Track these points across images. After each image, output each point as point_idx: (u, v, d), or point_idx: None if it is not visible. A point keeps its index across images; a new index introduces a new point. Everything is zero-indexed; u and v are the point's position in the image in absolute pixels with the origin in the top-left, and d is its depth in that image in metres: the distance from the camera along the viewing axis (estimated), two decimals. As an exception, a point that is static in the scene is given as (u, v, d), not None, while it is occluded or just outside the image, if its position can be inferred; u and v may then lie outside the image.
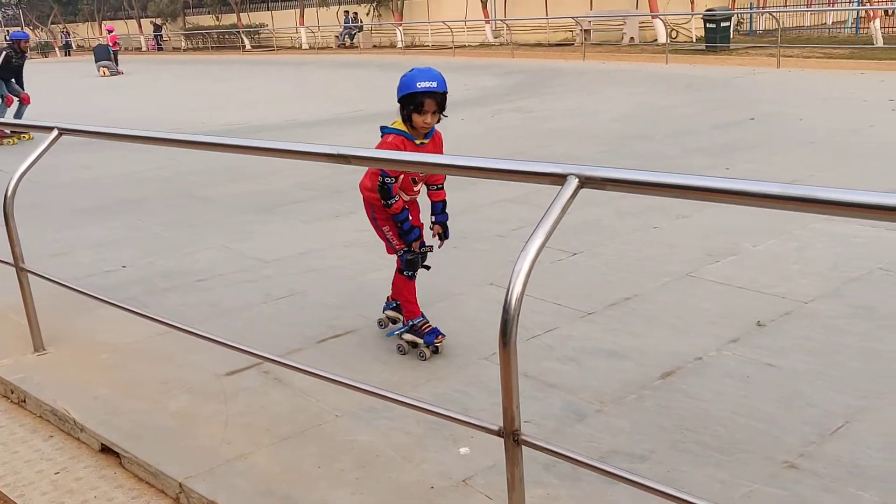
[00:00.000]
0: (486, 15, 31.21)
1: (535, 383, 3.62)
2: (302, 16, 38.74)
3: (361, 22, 36.50)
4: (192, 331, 3.38)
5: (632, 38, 25.90)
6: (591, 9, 28.36)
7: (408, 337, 3.95)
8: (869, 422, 3.14)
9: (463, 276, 5.04)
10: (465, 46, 29.23)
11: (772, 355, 3.73)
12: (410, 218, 3.82)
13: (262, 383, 3.74)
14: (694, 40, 24.68)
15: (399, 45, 32.66)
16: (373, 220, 3.91)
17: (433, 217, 3.95)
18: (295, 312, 4.64)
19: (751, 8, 26.41)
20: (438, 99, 3.59)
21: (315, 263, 5.52)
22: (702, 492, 2.72)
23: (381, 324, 4.28)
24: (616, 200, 6.46)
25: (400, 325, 4.09)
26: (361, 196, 3.94)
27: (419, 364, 3.87)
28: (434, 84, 3.55)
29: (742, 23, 27.15)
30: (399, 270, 3.95)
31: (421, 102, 3.56)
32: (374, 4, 36.59)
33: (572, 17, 24.87)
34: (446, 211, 3.97)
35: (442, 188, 3.94)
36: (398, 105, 3.68)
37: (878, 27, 20.42)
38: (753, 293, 4.52)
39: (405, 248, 3.85)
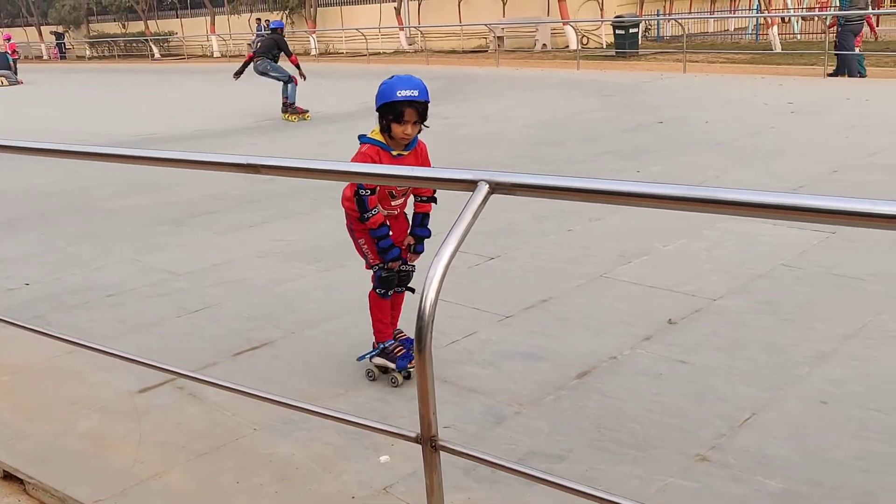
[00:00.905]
0: (399, 22, 31.24)
1: (454, 388, 3.63)
2: (213, 23, 38.01)
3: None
4: (100, 348, 3.26)
5: (544, 44, 26.32)
6: (504, 16, 28.69)
7: (378, 361, 3.72)
8: (775, 412, 3.26)
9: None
10: (379, 54, 29.18)
11: (683, 352, 3.84)
12: (391, 234, 3.56)
13: (176, 399, 3.65)
14: (604, 46, 25.25)
15: (313, 52, 32.39)
16: (350, 232, 3.70)
17: (410, 229, 3.73)
18: (210, 326, 4.54)
19: (658, 15, 27.19)
20: (420, 108, 3.40)
21: (229, 275, 5.41)
22: (619, 489, 2.77)
23: (370, 375, 3.80)
24: (531, 205, 6.55)
25: (370, 348, 3.81)
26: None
27: (337, 374, 3.83)
28: (416, 93, 3.37)
29: (650, 29, 27.91)
30: (373, 287, 3.72)
31: (401, 112, 3.36)
32: (286, 12, 36.18)
33: (485, 24, 25.12)
34: (427, 225, 3.69)
35: (428, 201, 3.67)
36: (377, 114, 3.46)
37: (776, 34, 21.31)
38: (665, 292, 4.64)
39: (381, 265, 3.63)
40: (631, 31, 22.19)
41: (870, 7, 15.58)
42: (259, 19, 36.69)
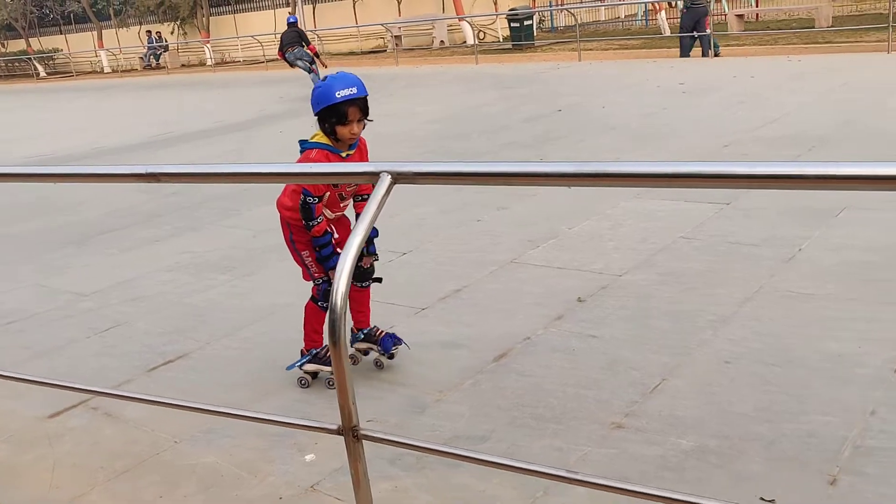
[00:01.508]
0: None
1: (376, 383, 3.66)
2: (100, 38, 36.83)
3: (166, 41, 35.17)
4: (4, 374, 3.16)
5: (442, 41, 26.51)
6: (400, 15, 28.76)
7: (309, 367, 3.65)
8: (683, 376, 3.41)
9: (293, 286, 5.00)
10: (278, 59, 28.81)
11: (593, 327, 3.97)
12: (334, 241, 3.47)
13: (90, 420, 3.56)
14: (501, 40, 25.59)
15: (209, 62, 31.74)
16: (290, 243, 3.57)
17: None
18: (122, 343, 4.44)
19: (550, 6, 27.71)
20: (361, 105, 3.32)
21: (138, 292, 5.29)
22: (540, 460, 2.86)
23: (354, 360, 3.77)
24: (440, 198, 6.63)
25: (378, 354, 3.74)
26: (279, 215, 3.58)
27: (255, 380, 3.81)
28: (354, 90, 3.28)
29: (544, 20, 28.44)
30: (312, 299, 3.63)
31: (344, 112, 3.27)
32: (177, 23, 35.37)
33: (381, 25, 25.13)
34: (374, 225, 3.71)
35: (367, 199, 3.64)
36: (316, 119, 3.39)
37: (664, 18, 22.03)
38: (573, 272, 4.78)
39: (324, 277, 3.54)
40: (525, 23, 22.56)
41: None
42: (150, 31, 35.76)
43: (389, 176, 2.27)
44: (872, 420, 2.94)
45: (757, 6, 23.52)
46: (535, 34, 23.59)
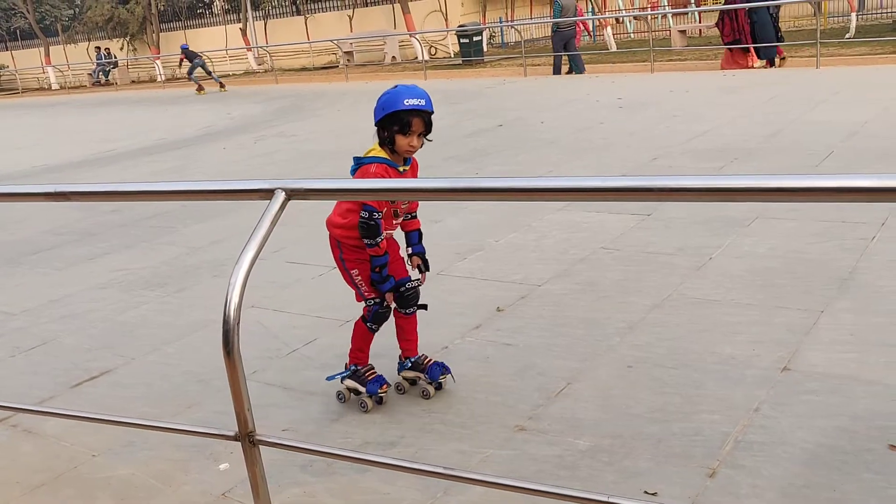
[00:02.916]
0: (247, 43, 30.92)
1: (295, 393, 3.77)
2: (47, 54, 36.37)
3: (115, 57, 34.86)
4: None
5: (393, 56, 26.71)
6: (352, 31, 28.94)
7: (349, 383, 3.55)
8: (587, 380, 3.57)
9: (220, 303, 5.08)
10: (229, 75, 28.78)
11: (509, 335, 4.12)
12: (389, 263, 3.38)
13: (9, 437, 3.61)
14: (452, 55, 25.88)
15: (159, 78, 31.55)
16: (340, 262, 3.44)
17: (409, 248, 3.54)
18: (47, 361, 4.48)
19: (500, 22, 28.10)
20: (426, 119, 3.21)
21: (69, 309, 5.32)
22: (443, 463, 2.99)
23: (399, 388, 3.65)
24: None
25: (426, 384, 3.58)
26: (328, 234, 3.48)
27: (178, 394, 3.89)
28: (422, 102, 3.16)
29: (494, 36, 28.82)
30: (363, 318, 3.50)
31: (408, 122, 3.15)
32: (126, 39, 35.10)
33: (332, 41, 25.25)
34: (422, 242, 3.56)
35: (416, 217, 3.54)
36: (376, 129, 3.29)
37: (611, 34, 22.50)
38: (496, 283, 4.93)
39: (377, 299, 3.42)
40: (475, 39, 22.87)
41: (580, 13, 17.75)
42: (98, 48, 35.43)
43: (283, 193, 2.40)
44: (755, 417, 3.12)
45: (700, 22, 24.13)
46: (484, 50, 23.90)
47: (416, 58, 25.62)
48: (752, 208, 5.64)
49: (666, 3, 28.30)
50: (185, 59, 24.14)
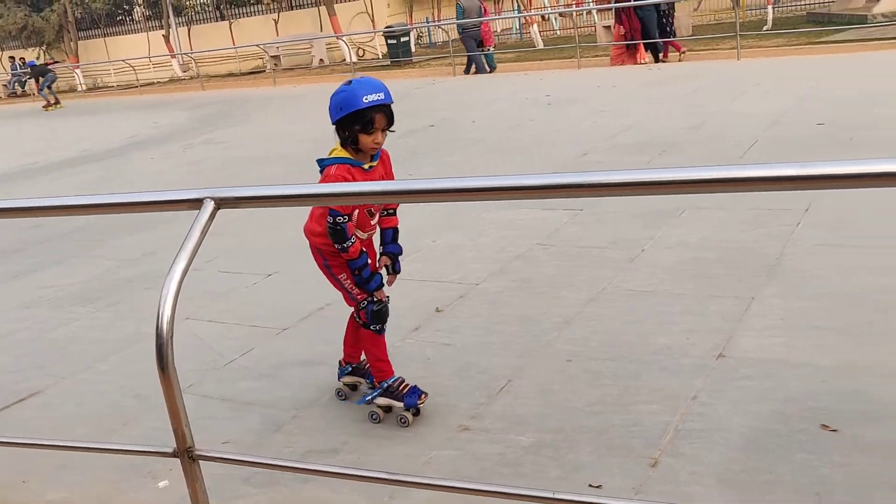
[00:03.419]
0: (170, 49, 30.26)
1: (233, 404, 3.70)
2: (-40, 66, 35.00)
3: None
4: None
5: (321, 59, 26.48)
6: (278, 35, 28.61)
7: (382, 401, 3.35)
8: (526, 377, 3.60)
9: (154, 316, 4.96)
10: (153, 83, 28.17)
11: (448, 335, 4.12)
12: (369, 262, 3.27)
13: (-67, 466, 3.45)
14: (380, 56, 25.80)
15: (80, 87, 30.67)
16: (325, 269, 3.36)
17: (381, 247, 3.42)
18: (-29, 385, 4.30)
19: (427, 22, 28.12)
20: (387, 112, 3.08)
21: (-7, 330, 5.13)
22: (388, 467, 2.98)
23: (339, 394, 3.60)
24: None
25: (366, 388, 3.51)
26: (308, 242, 3.38)
27: (113, 412, 3.78)
28: (381, 95, 3.03)
29: (422, 36, 28.83)
30: (364, 325, 3.35)
31: (371, 119, 3.02)
32: (42, 48, 34.00)
33: (258, 45, 24.91)
34: (398, 241, 3.45)
35: (394, 214, 3.41)
36: (334, 129, 3.14)
37: (537, 31, 22.72)
38: (434, 283, 4.93)
39: (368, 298, 3.31)
40: (402, 39, 22.82)
41: (484, 14, 18.04)
42: (13, 57, 34.24)
43: (213, 202, 2.34)
44: (693, 405, 3.19)
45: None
46: (412, 50, 23.89)
47: (344, 60, 25.46)
48: (682, 200, 5.75)
49: (591, 0, 28.74)
50: (34, 76, 24.38)
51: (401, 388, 3.35)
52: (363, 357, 3.58)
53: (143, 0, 33.46)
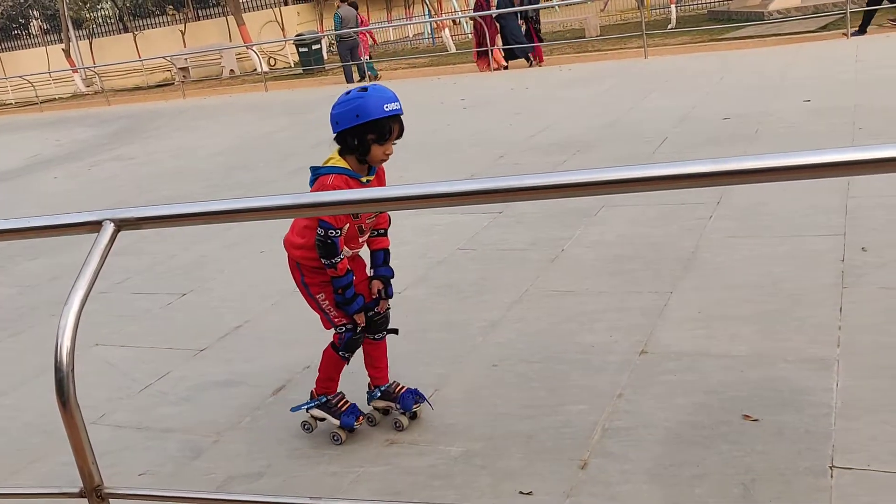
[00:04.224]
0: (72, 64, 29.20)
1: (149, 433, 3.54)
2: None
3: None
4: None
5: (231, 70, 25.98)
6: (185, 46, 27.95)
7: (316, 412, 3.24)
8: (454, 384, 3.55)
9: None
10: (54, 100, 27.16)
11: (372, 347, 4.04)
12: (353, 281, 3.08)
13: None
14: (292, 65, 25.48)
15: (-24, 106, 29.33)
16: (303, 287, 3.13)
17: (371, 270, 3.25)
18: None
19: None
20: (401, 123, 2.93)
21: None
22: (314, 489, 2.89)
23: (371, 421, 3.33)
24: (223, 233, 6.50)
25: (398, 414, 3.27)
26: (287, 255, 3.16)
27: (19, 449, 3.57)
28: (399, 105, 2.89)
29: (334, 44, 28.57)
30: (333, 346, 3.20)
31: (389, 129, 2.86)
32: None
33: (165, 57, 24.27)
34: (389, 264, 3.26)
35: (385, 234, 3.23)
36: (335, 137, 2.94)
37: (449, 35, 22.81)
38: (355, 294, 4.83)
39: (347, 325, 3.14)
40: (314, 47, 22.60)
41: (359, 25, 18.74)
42: None
43: (112, 224, 2.22)
44: (619, 402, 3.20)
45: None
46: (325, 58, 23.68)
47: (256, 70, 25.05)
48: (599, 198, 5.81)
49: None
50: None
51: (340, 405, 3.23)
52: (391, 378, 3.38)
53: (39, 13, 32.26)
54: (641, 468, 2.76)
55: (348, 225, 2.96)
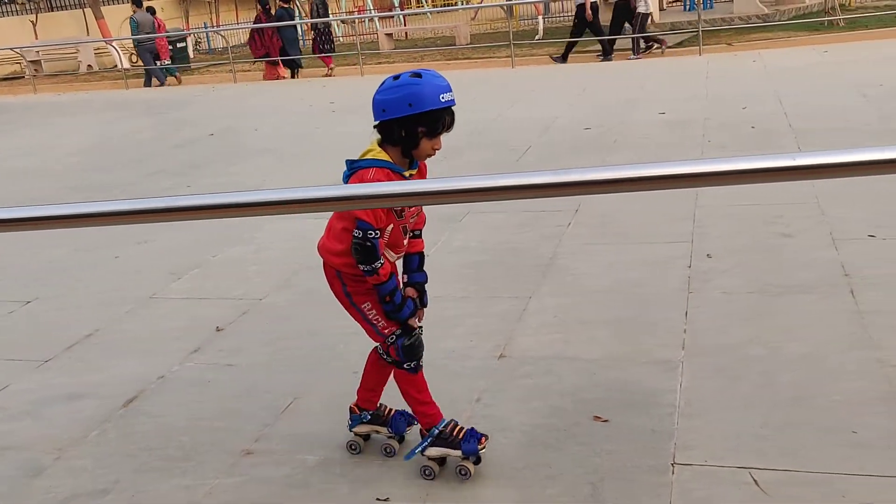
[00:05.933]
0: None
1: (-16, 451, 3.31)
2: None
3: None
4: None
5: (89, 65, 24.73)
6: (37, 38, 26.38)
7: (434, 452, 2.79)
8: (313, 393, 3.51)
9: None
10: None
11: (230, 356, 3.94)
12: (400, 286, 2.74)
13: None
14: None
15: None
16: (345, 297, 2.78)
17: (405, 276, 2.85)
18: None
19: (205, 27, 27.09)
20: (453, 115, 2.62)
21: None
22: (164, 503, 2.78)
23: (353, 448, 3.01)
24: (75, 237, 6.16)
25: (386, 437, 3.00)
26: (322, 262, 2.83)
27: None
28: (453, 95, 2.57)
29: (200, 42, 27.72)
30: (395, 363, 2.80)
31: (443, 122, 2.55)
32: None
33: (13, 49, 22.83)
34: (424, 268, 2.88)
35: (420, 235, 2.85)
36: (379, 126, 2.62)
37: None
38: (214, 301, 4.71)
39: (396, 332, 2.75)
40: (179, 45, 21.82)
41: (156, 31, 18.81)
42: None
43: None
44: (477, 407, 3.25)
45: (405, 25, 24.99)
46: (191, 56, 22.94)
47: (116, 66, 23.98)
48: (465, 204, 5.89)
49: (372, 7, 29.00)
50: None
51: (455, 432, 2.80)
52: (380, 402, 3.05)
53: None
54: (497, 471, 2.82)
55: (392, 226, 2.65)
